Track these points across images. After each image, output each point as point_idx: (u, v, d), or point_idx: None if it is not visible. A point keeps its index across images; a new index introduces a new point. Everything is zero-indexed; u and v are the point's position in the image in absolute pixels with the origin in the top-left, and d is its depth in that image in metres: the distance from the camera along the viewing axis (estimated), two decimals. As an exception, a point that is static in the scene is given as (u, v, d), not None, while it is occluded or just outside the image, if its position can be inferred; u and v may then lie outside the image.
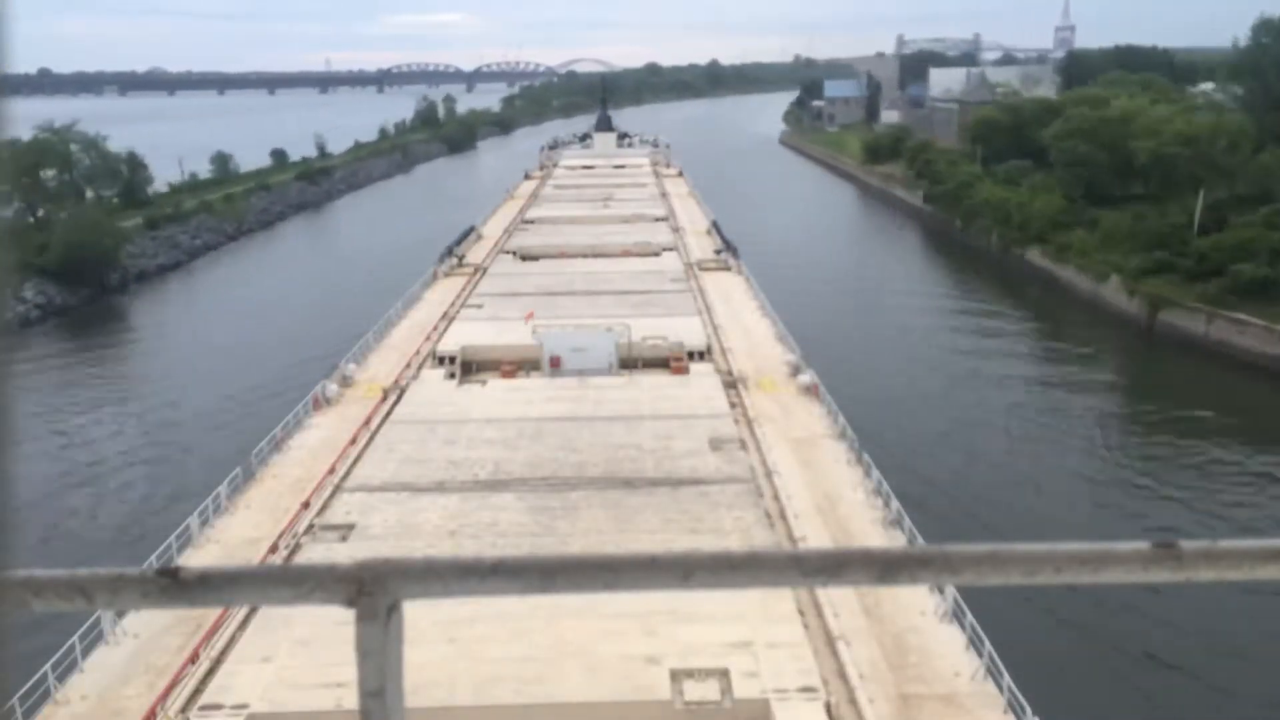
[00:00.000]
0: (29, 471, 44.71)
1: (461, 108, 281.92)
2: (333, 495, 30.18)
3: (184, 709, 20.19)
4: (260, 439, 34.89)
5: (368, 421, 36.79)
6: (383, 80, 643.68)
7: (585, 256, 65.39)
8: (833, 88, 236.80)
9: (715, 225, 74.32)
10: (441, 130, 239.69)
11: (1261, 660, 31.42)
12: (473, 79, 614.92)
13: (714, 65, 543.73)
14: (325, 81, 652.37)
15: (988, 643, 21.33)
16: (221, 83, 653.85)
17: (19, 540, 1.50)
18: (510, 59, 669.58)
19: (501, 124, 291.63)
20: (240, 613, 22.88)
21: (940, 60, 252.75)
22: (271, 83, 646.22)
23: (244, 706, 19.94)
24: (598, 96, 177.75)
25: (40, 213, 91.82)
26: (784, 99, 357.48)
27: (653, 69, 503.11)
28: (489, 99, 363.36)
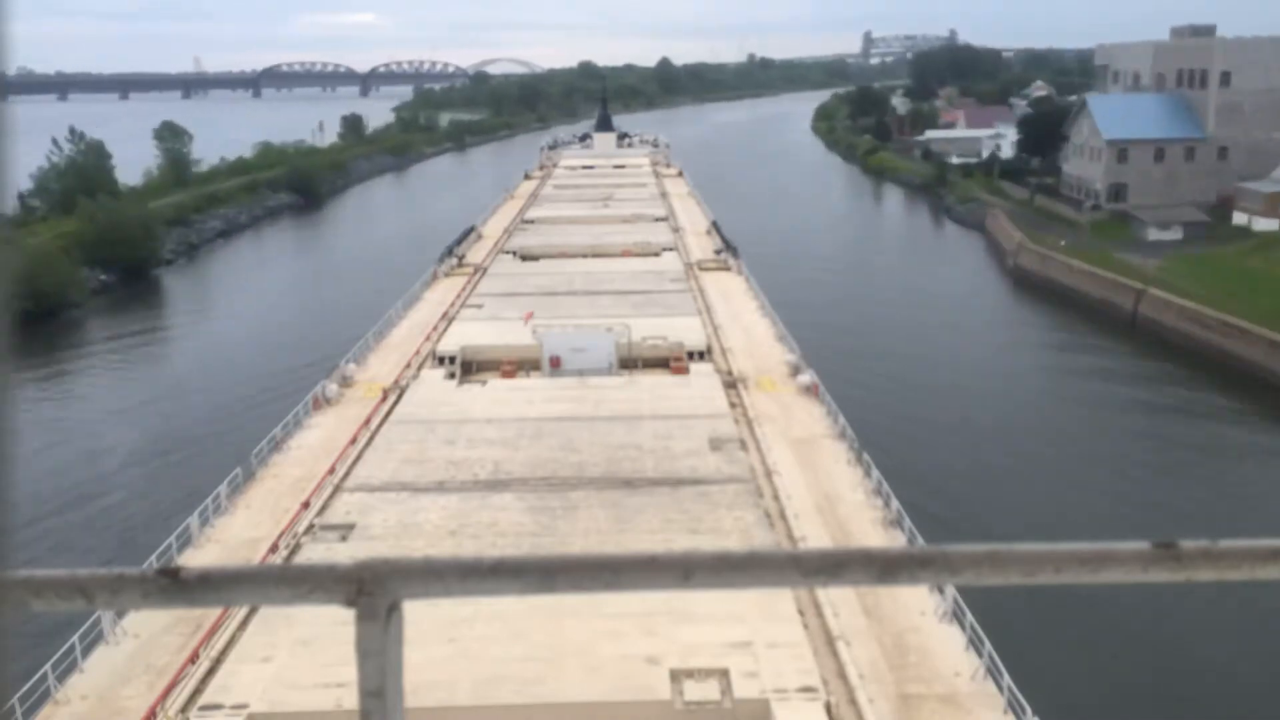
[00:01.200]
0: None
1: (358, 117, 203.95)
2: (333, 495, 30.18)
3: (184, 709, 20.20)
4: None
5: (368, 421, 36.79)
6: (258, 82, 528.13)
7: (585, 256, 65.37)
8: (1112, 109, 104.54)
9: (715, 225, 74.33)
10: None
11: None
12: (369, 81, 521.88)
13: (665, 66, 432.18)
14: (190, 84, 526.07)
15: (988, 643, 21.33)
16: (63, 85, 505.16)
17: (18, 538, 1.50)
18: (418, 59, 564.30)
19: (398, 150, 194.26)
20: (240, 613, 22.87)
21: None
22: (126, 85, 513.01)
23: (244, 706, 19.94)
24: (528, 103, 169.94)
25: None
26: (748, 109, 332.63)
27: (588, 70, 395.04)
28: (383, 106, 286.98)
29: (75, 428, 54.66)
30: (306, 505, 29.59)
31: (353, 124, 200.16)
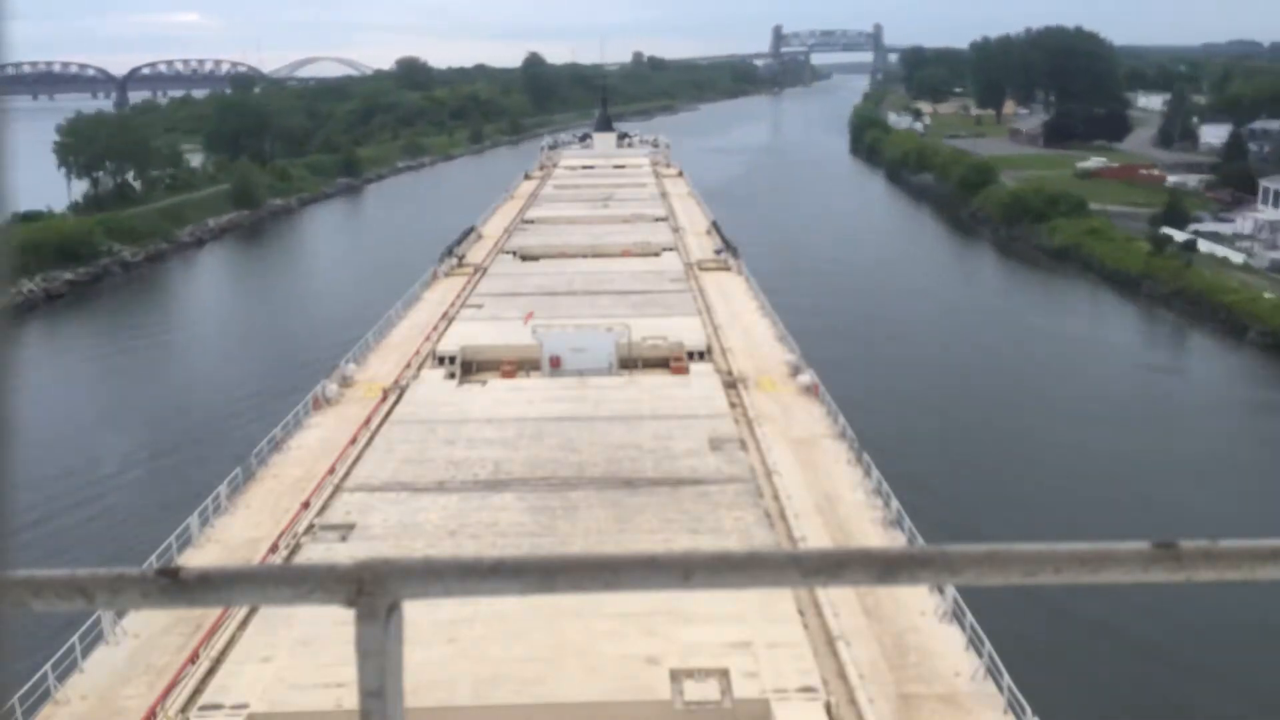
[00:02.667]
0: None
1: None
2: (333, 495, 30.18)
3: (184, 709, 20.19)
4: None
5: (368, 421, 36.79)
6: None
7: (585, 256, 65.37)
8: None
9: (715, 225, 74.32)
10: None
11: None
12: (127, 84, 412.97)
13: (537, 67, 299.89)
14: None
15: (988, 643, 21.33)
16: None
17: (12, 541, 1.50)
18: (195, 58, 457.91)
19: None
20: (240, 613, 22.86)
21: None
22: None
23: (244, 706, 19.94)
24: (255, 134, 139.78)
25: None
26: (694, 132, 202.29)
27: (411, 72, 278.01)
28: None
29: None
30: (306, 505, 29.59)
31: None
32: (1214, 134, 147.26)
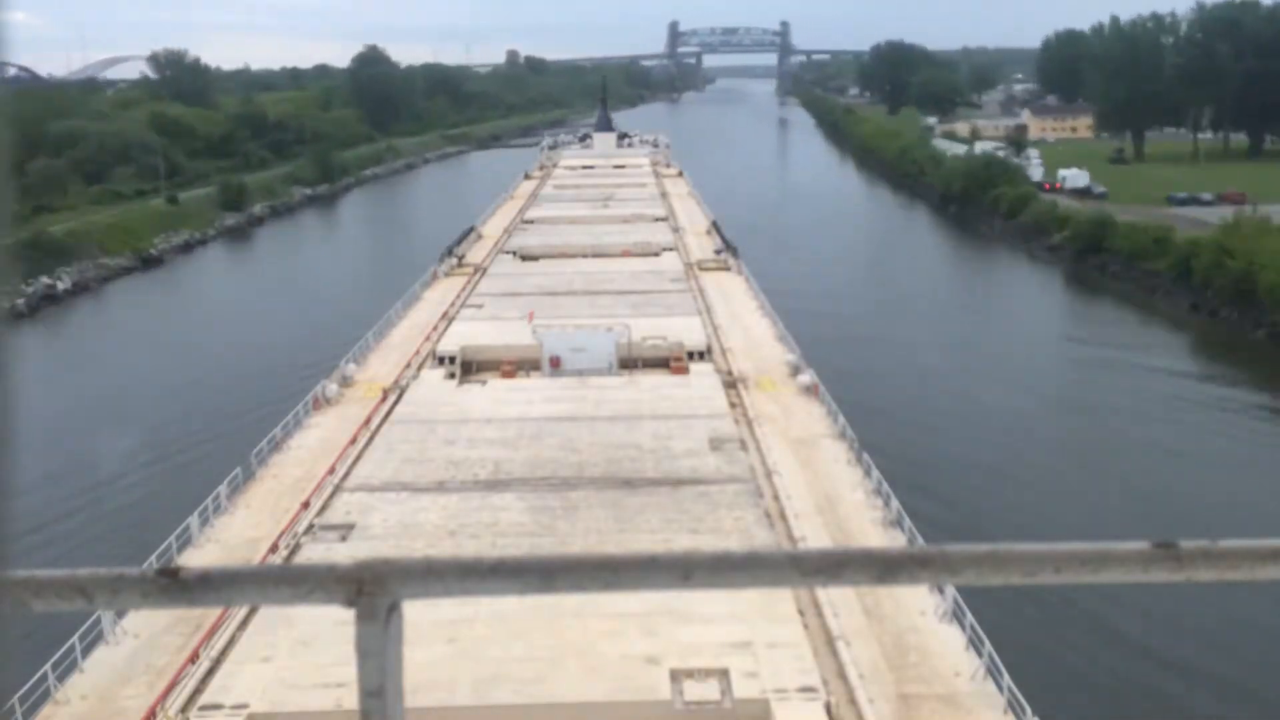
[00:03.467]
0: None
1: None
2: (333, 495, 30.18)
3: (184, 709, 20.19)
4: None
5: (368, 421, 36.79)
6: None
7: (585, 256, 65.40)
8: None
9: (715, 225, 74.33)
10: None
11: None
12: None
13: (371, 65, 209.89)
14: None
15: (988, 643, 21.33)
16: None
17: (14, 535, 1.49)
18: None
19: None
20: (240, 613, 22.86)
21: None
22: None
23: (244, 706, 19.94)
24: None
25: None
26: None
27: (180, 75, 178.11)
28: None
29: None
30: (306, 505, 29.59)
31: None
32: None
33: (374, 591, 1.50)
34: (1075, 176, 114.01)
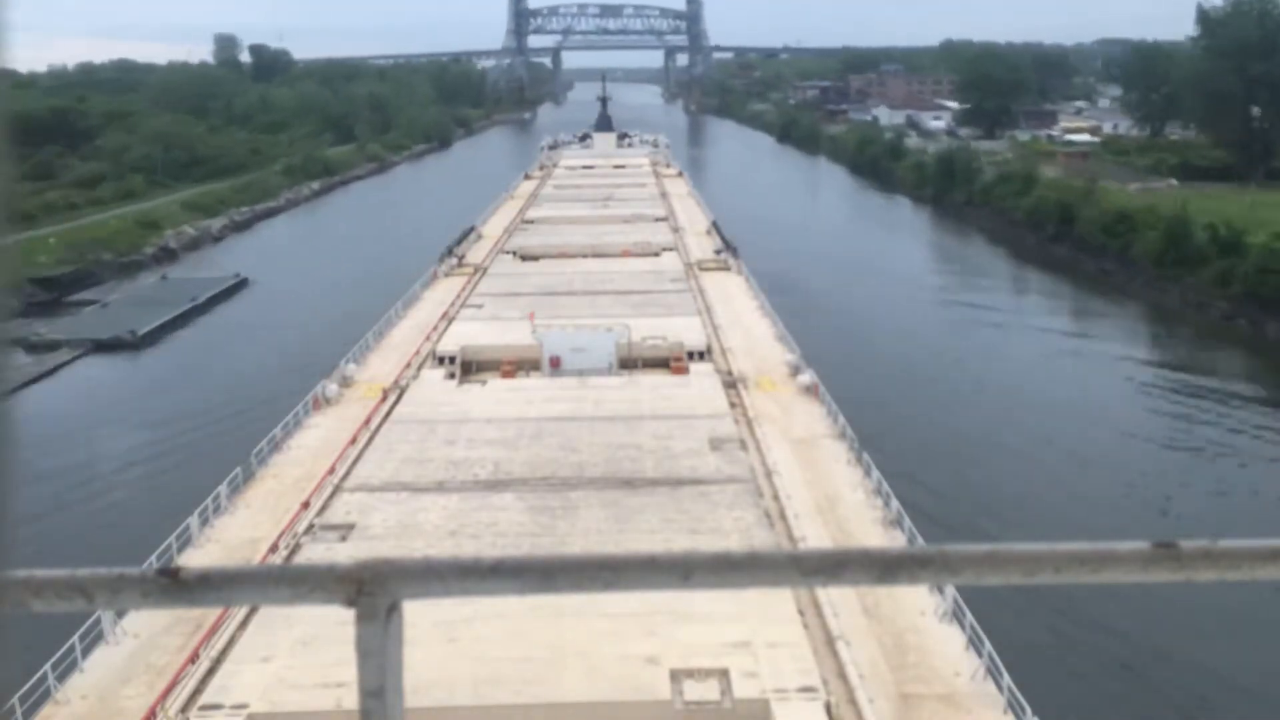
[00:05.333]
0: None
1: None
2: (333, 495, 30.18)
3: (184, 709, 20.19)
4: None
5: (368, 421, 36.79)
6: None
7: (585, 256, 65.41)
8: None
9: (715, 225, 74.34)
10: None
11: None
12: None
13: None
14: None
15: (988, 643, 21.32)
16: None
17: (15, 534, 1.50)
18: None
19: None
20: (240, 613, 22.86)
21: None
22: None
23: (244, 706, 19.94)
24: None
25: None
26: None
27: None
28: None
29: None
30: (306, 505, 29.59)
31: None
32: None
33: (374, 591, 1.50)
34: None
